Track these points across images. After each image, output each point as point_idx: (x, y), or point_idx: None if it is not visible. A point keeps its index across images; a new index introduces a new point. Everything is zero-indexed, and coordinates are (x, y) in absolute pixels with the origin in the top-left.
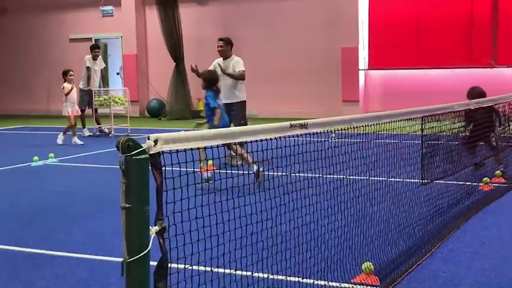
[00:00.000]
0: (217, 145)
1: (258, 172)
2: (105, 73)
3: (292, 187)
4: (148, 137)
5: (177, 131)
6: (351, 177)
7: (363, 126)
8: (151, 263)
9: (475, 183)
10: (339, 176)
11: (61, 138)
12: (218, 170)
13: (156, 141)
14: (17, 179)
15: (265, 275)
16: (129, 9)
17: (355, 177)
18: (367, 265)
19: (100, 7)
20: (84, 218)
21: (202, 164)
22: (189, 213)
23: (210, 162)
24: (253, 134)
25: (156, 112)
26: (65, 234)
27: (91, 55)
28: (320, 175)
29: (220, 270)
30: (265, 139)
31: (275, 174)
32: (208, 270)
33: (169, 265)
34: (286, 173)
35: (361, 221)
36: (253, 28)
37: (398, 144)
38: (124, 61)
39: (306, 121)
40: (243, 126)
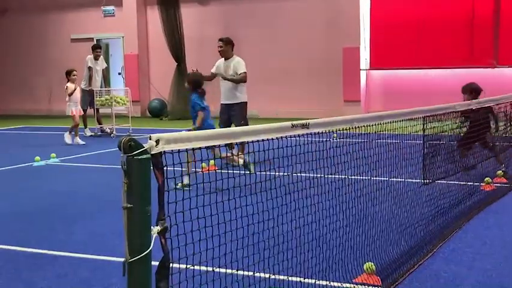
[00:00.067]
0: (218, 145)
1: (245, 164)
2: (107, 73)
3: (293, 187)
4: (150, 137)
5: (179, 131)
6: (353, 177)
7: (364, 126)
8: (153, 263)
9: (477, 183)
10: (341, 176)
11: (69, 138)
12: (220, 170)
13: (157, 141)
14: (18, 179)
15: (267, 275)
16: (130, 9)
17: (357, 177)
18: (369, 265)
19: (101, 7)
20: (85, 217)
21: (204, 164)
22: (190, 213)
23: (212, 162)
24: (255, 134)
25: (157, 112)
26: (66, 234)
27: (92, 55)
28: (321, 175)
29: (222, 270)
30: (267, 139)
31: (277, 174)
32: (209, 270)
33: (171, 265)
34: (288, 173)
35: (363, 221)
36: (255, 28)
37: (400, 144)
38: (125, 61)
39: (307, 121)
40: (245, 126)
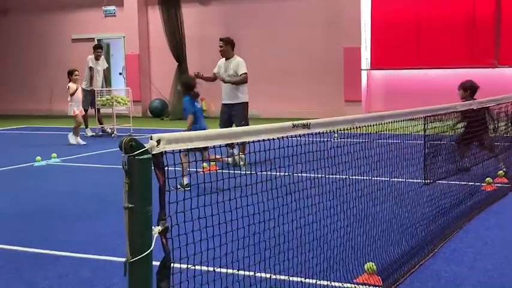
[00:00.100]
0: (219, 145)
1: (235, 162)
2: (108, 73)
3: (294, 187)
4: (151, 137)
5: (180, 131)
6: (354, 177)
7: (365, 126)
8: (154, 263)
9: (478, 184)
10: (342, 176)
11: (73, 138)
12: (221, 170)
13: (158, 141)
14: (19, 179)
15: (268, 275)
16: (131, 9)
17: (358, 177)
18: (370, 265)
19: (102, 7)
20: (87, 218)
21: (205, 164)
22: (191, 213)
23: (213, 162)
24: (256, 134)
25: (158, 112)
26: (67, 234)
27: (93, 55)
28: (322, 175)
29: (223, 270)
30: (268, 139)
31: (278, 174)
32: (210, 270)
33: (172, 265)
34: (289, 173)
35: (364, 221)
36: (256, 28)
37: (401, 144)
38: (126, 61)
39: (308, 121)
40: (246, 126)
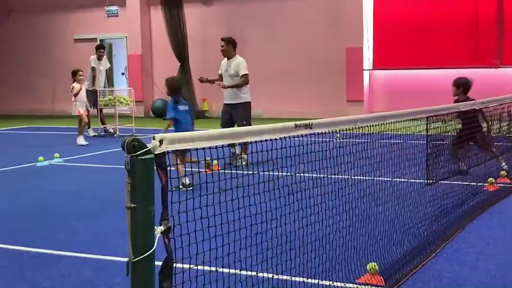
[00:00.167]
0: (222, 145)
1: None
2: (110, 73)
3: (297, 187)
4: (154, 137)
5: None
6: (356, 177)
7: (367, 127)
8: (156, 262)
9: (480, 184)
10: (344, 176)
11: (81, 138)
12: (223, 170)
13: (161, 141)
14: (22, 179)
15: (270, 275)
16: (134, 10)
17: (360, 177)
18: (372, 265)
19: (105, 7)
20: (89, 217)
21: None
22: (194, 213)
23: (215, 162)
24: (258, 134)
25: (160, 112)
26: (70, 234)
27: (96, 55)
28: (325, 175)
29: (225, 270)
30: (270, 139)
31: (280, 174)
32: (213, 270)
33: (174, 265)
34: (291, 173)
35: (366, 221)
36: (259, 28)
37: (403, 144)
38: (129, 61)
39: (310, 121)
40: (248, 126)
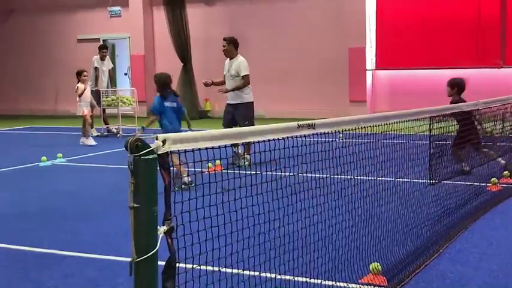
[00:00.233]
0: (224, 145)
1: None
2: (113, 73)
3: (299, 187)
4: (157, 137)
5: (185, 131)
6: (359, 177)
7: (370, 127)
8: (159, 262)
9: (483, 184)
10: (347, 177)
11: (90, 140)
12: (226, 170)
13: (164, 142)
14: (25, 179)
15: (273, 275)
16: (136, 10)
17: (363, 177)
18: (375, 265)
19: (108, 8)
20: (92, 217)
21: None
22: (197, 213)
23: (218, 162)
24: (261, 134)
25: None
26: (73, 234)
27: (99, 55)
28: (328, 175)
29: (228, 270)
30: (273, 139)
31: (283, 174)
32: (216, 270)
33: (177, 265)
34: (294, 173)
35: (369, 221)
36: (261, 28)
37: (406, 144)
38: (132, 61)
39: (313, 121)
40: (251, 127)
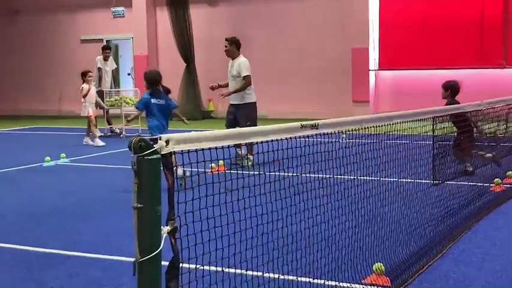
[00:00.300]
0: (228, 145)
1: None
2: (116, 74)
3: (302, 187)
4: (160, 137)
5: (188, 132)
6: (362, 177)
7: (373, 127)
8: (163, 262)
9: (487, 184)
10: (350, 177)
11: (97, 140)
12: (229, 171)
13: (167, 142)
14: (28, 179)
15: (276, 275)
16: (140, 10)
17: (366, 177)
18: (378, 266)
19: (111, 8)
20: (96, 217)
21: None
22: (200, 214)
23: (221, 162)
24: (264, 135)
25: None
26: (77, 234)
27: (102, 56)
28: (331, 176)
29: (231, 270)
30: (276, 139)
31: (286, 174)
32: (219, 270)
33: (180, 265)
34: (297, 173)
35: (372, 221)
36: (264, 29)
37: (409, 144)
38: (135, 62)
39: (316, 122)
40: (254, 127)
